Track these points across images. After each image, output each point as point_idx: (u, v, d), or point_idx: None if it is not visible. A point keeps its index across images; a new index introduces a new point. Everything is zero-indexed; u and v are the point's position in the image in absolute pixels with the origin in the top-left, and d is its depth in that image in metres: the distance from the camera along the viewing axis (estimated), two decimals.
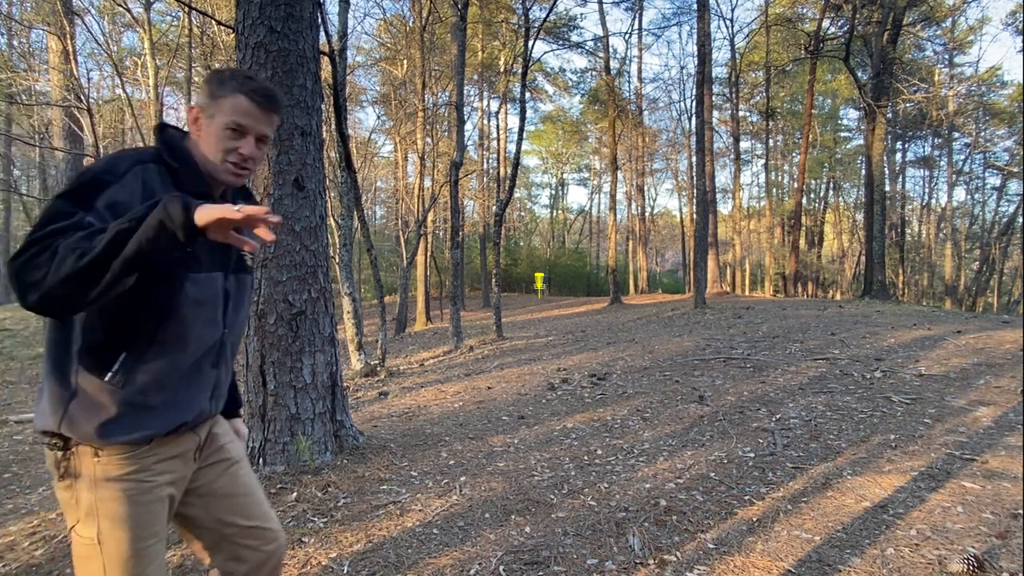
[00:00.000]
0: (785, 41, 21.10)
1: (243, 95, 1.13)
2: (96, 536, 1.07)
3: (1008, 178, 24.73)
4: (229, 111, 1.13)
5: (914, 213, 29.48)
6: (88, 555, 1.08)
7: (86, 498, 1.07)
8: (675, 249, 40.77)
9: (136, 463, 1.10)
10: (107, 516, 1.07)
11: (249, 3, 3.09)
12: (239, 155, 1.14)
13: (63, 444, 1.07)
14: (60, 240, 0.88)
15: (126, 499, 1.08)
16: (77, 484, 1.08)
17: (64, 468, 1.08)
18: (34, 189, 23.43)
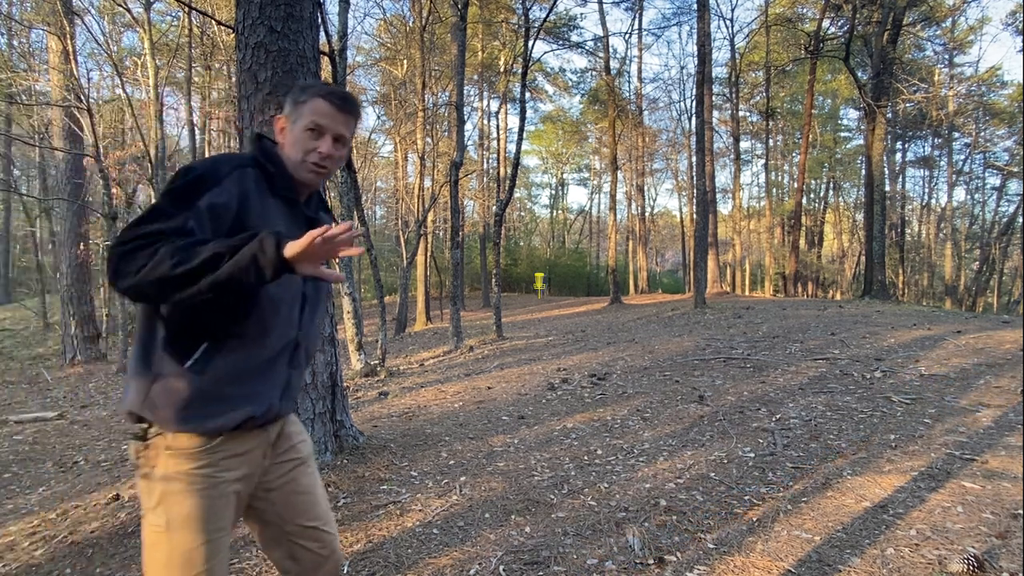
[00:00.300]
0: (785, 41, 21.10)
1: (321, 98, 1.21)
2: (164, 525, 1.12)
3: (1008, 178, 24.74)
4: (309, 113, 1.21)
5: (914, 213, 29.48)
6: (156, 542, 1.14)
7: (158, 489, 1.13)
8: (675, 249, 40.76)
9: (204, 458, 1.14)
10: (175, 507, 1.12)
11: (249, 3, 3.09)
12: (318, 154, 1.21)
13: (143, 435, 1.14)
14: (162, 243, 0.97)
15: (193, 493, 1.13)
16: (152, 475, 1.14)
17: (142, 459, 1.14)
18: (34, 189, 23.42)
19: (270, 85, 3.09)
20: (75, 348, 11.00)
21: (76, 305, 11.04)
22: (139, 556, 2.46)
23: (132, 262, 0.97)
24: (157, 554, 1.14)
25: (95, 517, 2.92)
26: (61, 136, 11.12)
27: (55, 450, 5.03)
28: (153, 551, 1.15)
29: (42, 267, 17.29)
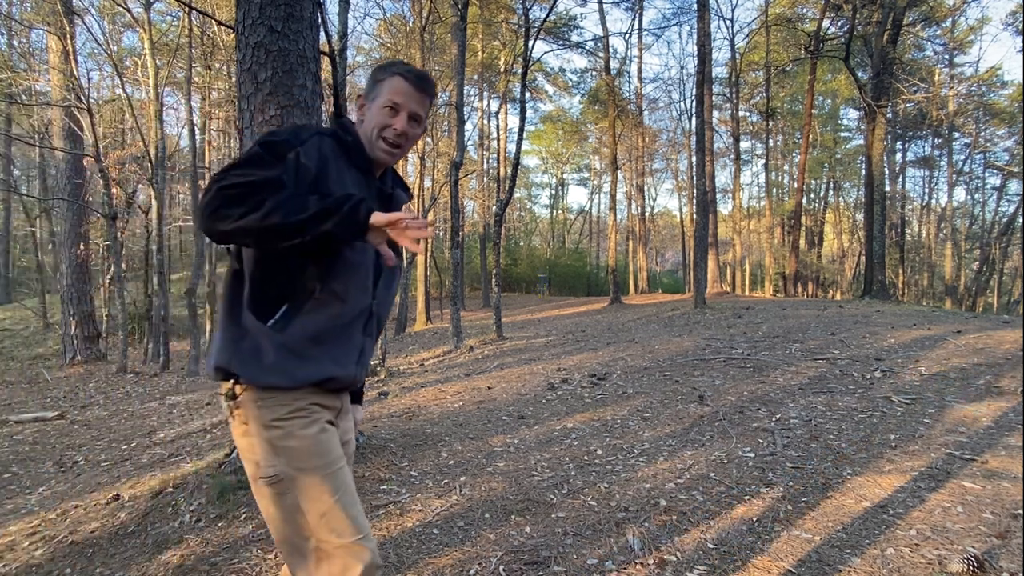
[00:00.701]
0: (785, 41, 21.09)
1: (399, 76, 1.26)
2: (281, 472, 1.14)
3: (1008, 178, 24.74)
4: (387, 91, 1.25)
5: (914, 213, 29.48)
6: (278, 492, 1.14)
7: (262, 440, 1.15)
8: (675, 249, 40.76)
9: (295, 403, 1.18)
10: (285, 451, 1.14)
11: (249, 3, 3.09)
12: (392, 131, 1.25)
13: (232, 392, 1.17)
14: (267, 192, 1.04)
15: (297, 433, 1.16)
16: (250, 430, 1.16)
17: (237, 416, 1.18)
18: (34, 189, 23.42)
19: (270, 85, 3.09)
20: (75, 348, 11.00)
21: (76, 305, 11.04)
22: (139, 556, 2.46)
23: (237, 206, 1.01)
24: (284, 503, 1.14)
25: (95, 517, 2.92)
26: (61, 136, 11.12)
27: (55, 450, 5.03)
28: (278, 503, 1.15)
29: (42, 267, 17.29)
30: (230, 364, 1.16)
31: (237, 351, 1.16)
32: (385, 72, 1.27)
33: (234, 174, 1.05)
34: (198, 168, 13.83)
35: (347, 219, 1.04)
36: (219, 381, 1.20)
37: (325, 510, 1.14)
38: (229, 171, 1.06)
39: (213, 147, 22.67)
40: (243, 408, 1.17)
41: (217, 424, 5.05)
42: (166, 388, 8.36)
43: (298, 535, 1.15)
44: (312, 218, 1.02)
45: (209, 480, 2.98)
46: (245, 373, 1.15)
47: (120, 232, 11.23)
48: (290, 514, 1.15)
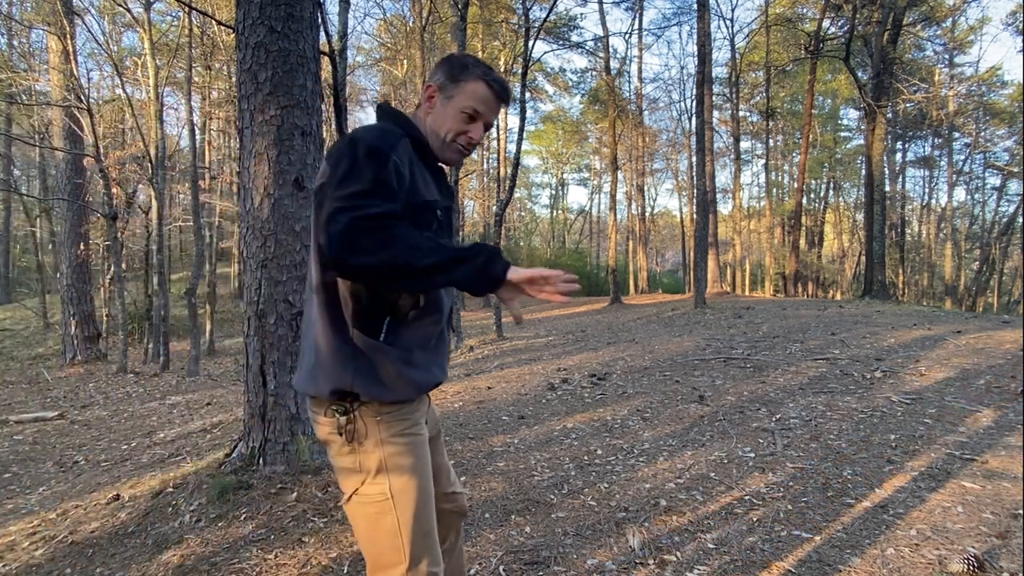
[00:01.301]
0: (785, 41, 21.09)
1: (484, 82, 1.20)
2: (388, 491, 1.14)
3: (1008, 178, 24.74)
4: (469, 95, 1.19)
5: (914, 213, 29.48)
6: (380, 511, 1.14)
7: (374, 457, 1.14)
8: (675, 249, 40.75)
9: (409, 418, 1.19)
10: (396, 470, 1.15)
11: (249, 3, 3.09)
12: (468, 138, 1.22)
13: (344, 409, 1.14)
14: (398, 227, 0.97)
15: (409, 452, 1.16)
16: (362, 447, 1.15)
17: (349, 432, 1.14)
18: (34, 189, 23.42)
19: (270, 85, 3.09)
20: (75, 348, 11.00)
21: (76, 305, 11.04)
22: (139, 556, 2.46)
23: (374, 240, 0.95)
24: (384, 523, 1.14)
25: (95, 517, 2.92)
26: (61, 136, 11.12)
27: (55, 450, 5.03)
28: (377, 522, 1.15)
29: (42, 267, 17.29)
30: (352, 385, 1.12)
31: (356, 370, 1.12)
32: (468, 73, 1.20)
33: (367, 203, 0.98)
34: (198, 168, 13.82)
35: (481, 272, 1.00)
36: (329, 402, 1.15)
37: (426, 531, 1.17)
38: (357, 196, 0.98)
39: (213, 147, 22.69)
40: (356, 425, 1.14)
41: (217, 424, 5.05)
42: (166, 388, 8.37)
43: (394, 555, 1.15)
44: (443, 265, 0.98)
45: (209, 480, 2.98)
46: (370, 392, 1.12)
47: (120, 232, 11.23)
48: (389, 534, 1.14)
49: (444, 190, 1.27)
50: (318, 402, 1.17)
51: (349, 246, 0.95)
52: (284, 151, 3.13)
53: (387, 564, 1.15)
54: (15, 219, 22.45)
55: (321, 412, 1.17)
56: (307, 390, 1.18)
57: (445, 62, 1.24)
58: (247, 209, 3.17)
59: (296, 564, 2.24)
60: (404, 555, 1.14)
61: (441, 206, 1.21)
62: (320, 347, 1.15)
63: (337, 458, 1.18)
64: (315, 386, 1.15)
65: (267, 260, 3.13)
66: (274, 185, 3.12)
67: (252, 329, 3.16)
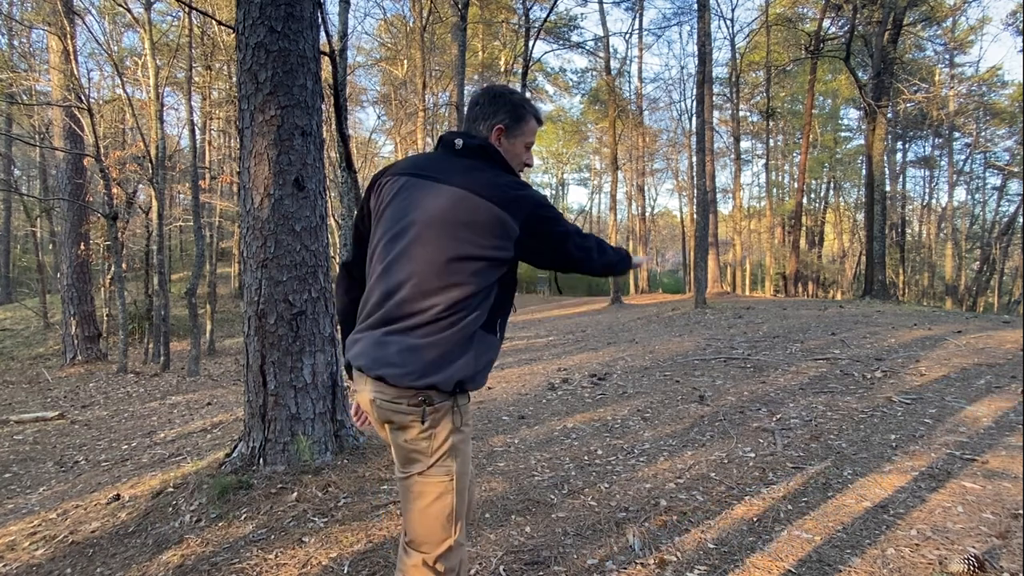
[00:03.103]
0: (785, 41, 21.08)
1: (535, 118, 1.50)
2: (453, 473, 1.33)
3: (1008, 178, 24.71)
4: (530, 133, 1.49)
5: (914, 213, 29.47)
6: (443, 491, 1.32)
7: (447, 444, 1.31)
8: (675, 249, 40.74)
9: (470, 410, 1.39)
10: (461, 456, 1.34)
11: (249, 3, 3.09)
12: (527, 165, 1.53)
13: (429, 399, 1.29)
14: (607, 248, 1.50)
15: (468, 440, 1.38)
16: (437, 432, 1.31)
17: (432, 420, 1.30)
18: (35, 189, 23.43)
19: (270, 85, 3.09)
20: (75, 348, 11.01)
21: (76, 305, 11.04)
22: (139, 556, 2.46)
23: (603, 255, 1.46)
24: (442, 504, 1.32)
25: (95, 517, 2.92)
26: (62, 136, 11.12)
27: (55, 450, 5.04)
28: (439, 502, 1.32)
29: (42, 267, 17.29)
30: (471, 379, 1.31)
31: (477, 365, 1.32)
32: (525, 113, 1.47)
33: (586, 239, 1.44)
34: (198, 168, 13.83)
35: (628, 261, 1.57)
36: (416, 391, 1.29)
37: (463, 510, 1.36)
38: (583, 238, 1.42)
39: (213, 147, 22.70)
40: (438, 414, 1.30)
41: (217, 424, 5.06)
42: (166, 388, 8.37)
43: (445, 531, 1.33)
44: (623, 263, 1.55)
45: (209, 480, 2.98)
46: (474, 382, 1.32)
47: (120, 232, 11.23)
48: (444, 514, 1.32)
49: None
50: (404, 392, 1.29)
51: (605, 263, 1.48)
52: (284, 151, 3.14)
53: (439, 539, 1.32)
54: (15, 219, 22.46)
55: (405, 400, 1.29)
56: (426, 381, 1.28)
57: (504, 103, 1.46)
58: (247, 209, 3.17)
59: (296, 564, 2.24)
60: (453, 530, 1.33)
61: None
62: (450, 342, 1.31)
63: (412, 441, 1.32)
64: (441, 375, 1.29)
65: (267, 260, 3.13)
66: (274, 185, 3.12)
67: (252, 329, 3.16)
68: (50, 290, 17.40)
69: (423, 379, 1.28)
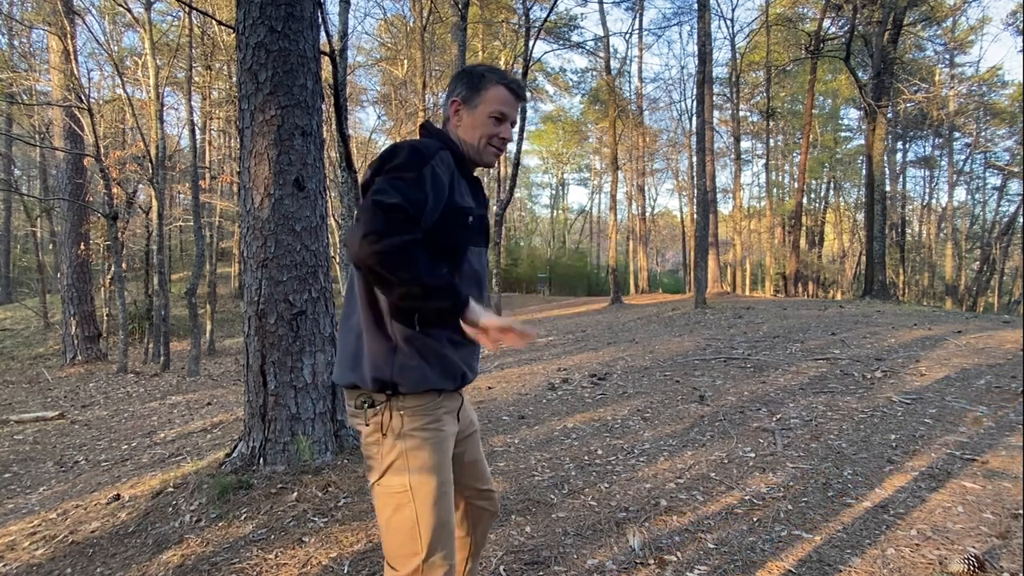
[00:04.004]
0: (786, 41, 21.07)
1: (503, 86, 1.31)
2: (407, 483, 1.19)
3: (1009, 178, 24.71)
4: (493, 101, 1.29)
5: (915, 213, 29.46)
6: (400, 503, 1.20)
7: (395, 450, 1.20)
8: (675, 249, 40.75)
9: (431, 414, 1.24)
10: (415, 463, 1.20)
11: (250, 3, 3.09)
12: (500, 139, 1.32)
13: (372, 402, 1.21)
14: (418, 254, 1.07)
15: (429, 446, 1.22)
16: (385, 439, 1.21)
17: (372, 424, 1.22)
18: (35, 189, 23.43)
19: (271, 85, 3.09)
20: (75, 348, 11.01)
21: (76, 305, 11.04)
22: (140, 556, 2.46)
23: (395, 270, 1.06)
24: (400, 518, 1.19)
25: (96, 517, 2.92)
26: (62, 136, 11.12)
27: (55, 450, 5.04)
28: (398, 514, 1.20)
29: (42, 267, 17.29)
30: (391, 374, 1.19)
31: (396, 362, 1.19)
32: (487, 80, 1.30)
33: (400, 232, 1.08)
34: (198, 168, 13.83)
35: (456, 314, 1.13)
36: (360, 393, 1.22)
37: (442, 523, 1.21)
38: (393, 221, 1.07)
39: (213, 147, 22.70)
40: (382, 416, 1.21)
41: (217, 424, 5.06)
42: (166, 388, 8.37)
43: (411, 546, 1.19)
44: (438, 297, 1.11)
45: (209, 480, 2.98)
46: (405, 382, 1.19)
47: (120, 232, 11.23)
48: (406, 527, 1.19)
49: (479, 199, 1.37)
50: (351, 392, 1.24)
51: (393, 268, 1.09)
52: (284, 151, 3.14)
53: (404, 554, 1.20)
54: (15, 219, 22.46)
55: (352, 403, 1.24)
56: (347, 380, 1.23)
57: (463, 76, 1.34)
58: (247, 209, 3.17)
59: (296, 564, 2.24)
60: (421, 546, 1.18)
61: (475, 213, 1.30)
62: (355, 342, 1.23)
63: (364, 447, 1.25)
64: (358, 375, 1.22)
65: (267, 260, 3.13)
66: (274, 185, 3.12)
67: (252, 329, 3.16)
68: (50, 290, 17.39)
69: (347, 376, 1.23)
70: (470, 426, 1.44)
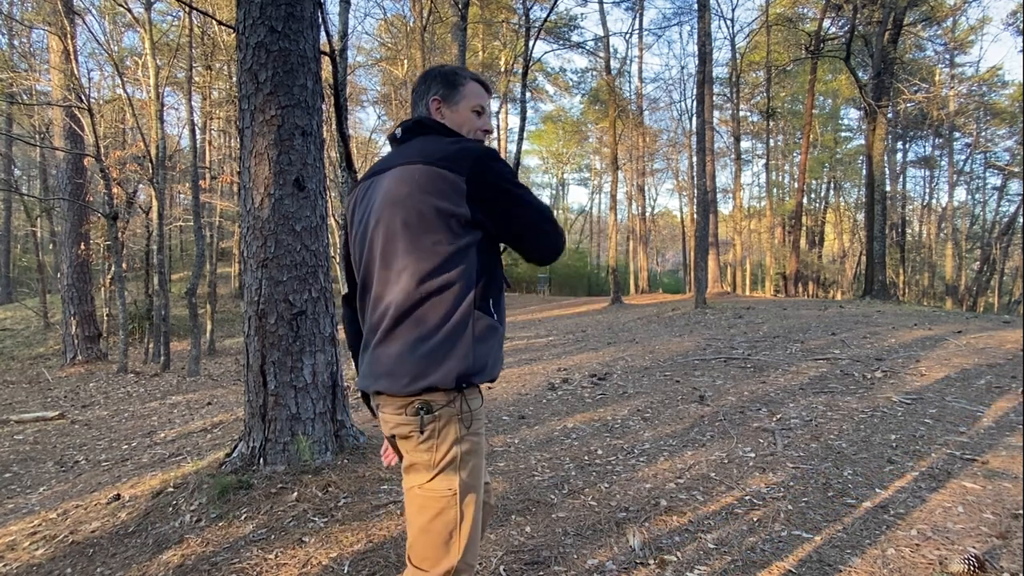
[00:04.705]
0: (786, 41, 21.08)
1: (476, 82, 1.41)
2: (456, 487, 1.19)
3: (1009, 178, 24.71)
4: (473, 96, 1.40)
5: (915, 213, 29.45)
6: (444, 507, 1.19)
7: (451, 453, 1.19)
8: (676, 249, 40.74)
9: (480, 417, 1.26)
10: (467, 468, 1.21)
11: (250, 3, 3.09)
12: (483, 131, 1.42)
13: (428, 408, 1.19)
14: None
15: (476, 452, 1.23)
16: (440, 443, 1.20)
17: (431, 429, 1.20)
18: (35, 189, 23.43)
19: (271, 85, 3.09)
20: (76, 348, 11.01)
21: (77, 305, 11.04)
22: (140, 556, 2.46)
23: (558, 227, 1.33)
24: (443, 520, 1.19)
25: (96, 517, 2.93)
26: (62, 136, 11.12)
27: (56, 450, 5.04)
28: (439, 518, 1.19)
29: (43, 267, 17.29)
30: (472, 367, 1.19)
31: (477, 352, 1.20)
32: (460, 78, 1.39)
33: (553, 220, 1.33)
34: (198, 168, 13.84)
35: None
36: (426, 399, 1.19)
37: (477, 529, 1.22)
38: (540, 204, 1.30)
39: (213, 147, 22.69)
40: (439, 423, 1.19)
41: (218, 424, 5.06)
42: (167, 388, 8.37)
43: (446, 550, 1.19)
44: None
45: (209, 480, 2.98)
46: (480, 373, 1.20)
47: (120, 232, 11.23)
48: (445, 530, 1.19)
49: None
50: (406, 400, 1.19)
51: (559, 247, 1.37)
52: (285, 151, 3.14)
53: (436, 556, 1.19)
54: (15, 219, 22.46)
55: (403, 410, 1.20)
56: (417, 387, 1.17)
57: (436, 76, 1.40)
58: (248, 209, 3.17)
59: (296, 564, 2.24)
60: (458, 550, 1.19)
61: None
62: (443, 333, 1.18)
63: (413, 453, 1.22)
64: (438, 376, 1.17)
65: (268, 260, 3.13)
66: (275, 185, 3.12)
67: (252, 329, 3.16)
68: (50, 290, 17.39)
69: (416, 383, 1.17)
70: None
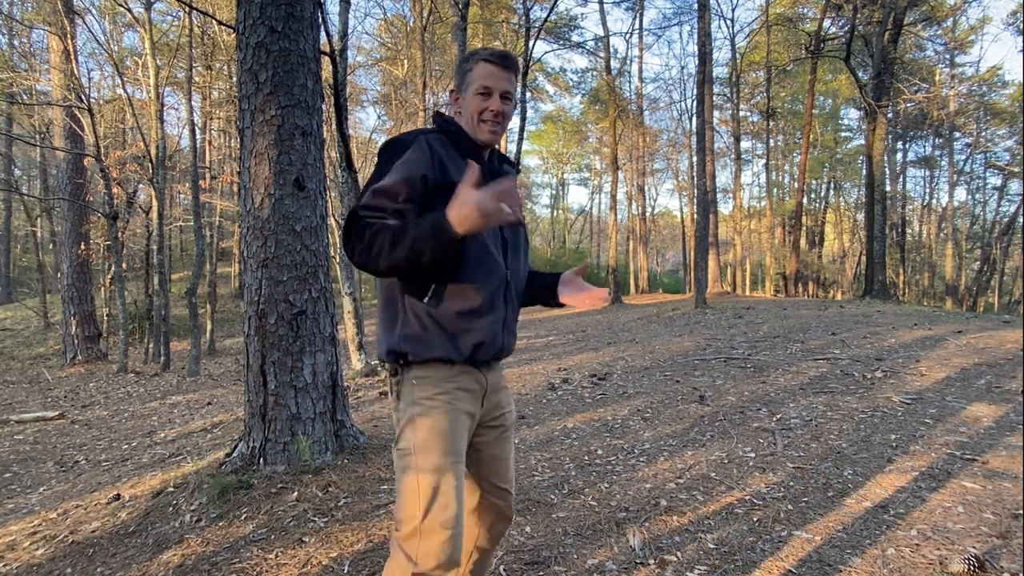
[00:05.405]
0: (786, 41, 21.07)
1: (483, 61, 1.34)
2: (411, 446, 1.26)
3: (1009, 178, 24.71)
4: (477, 78, 1.33)
5: (915, 213, 29.45)
6: (405, 465, 1.26)
7: (406, 415, 1.29)
8: (676, 249, 40.74)
9: (443, 386, 1.30)
10: (420, 429, 1.27)
11: (250, 3, 3.09)
12: (490, 112, 1.33)
13: (394, 370, 1.32)
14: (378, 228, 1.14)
15: (435, 414, 1.27)
16: (400, 404, 1.32)
17: (394, 391, 1.33)
18: (35, 189, 23.43)
19: (271, 85, 3.09)
20: (76, 348, 11.01)
21: (77, 304, 11.04)
22: (140, 556, 2.47)
23: (365, 252, 1.14)
24: (406, 480, 1.25)
25: (96, 517, 2.93)
26: (62, 136, 11.12)
27: (56, 450, 5.04)
28: (403, 476, 1.26)
29: (43, 267, 17.29)
30: (399, 344, 1.29)
31: (404, 330, 1.29)
32: (470, 61, 1.35)
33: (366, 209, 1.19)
34: (198, 168, 13.84)
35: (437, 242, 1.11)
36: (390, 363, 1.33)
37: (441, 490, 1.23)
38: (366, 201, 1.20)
39: (214, 147, 22.69)
40: (402, 385, 1.31)
41: (218, 424, 5.06)
42: (167, 388, 8.37)
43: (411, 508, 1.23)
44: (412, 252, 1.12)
45: (210, 480, 2.98)
46: (412, 349, 1.28)
47: (121, 232, 11.23)
48: (409, 491, 1.25)
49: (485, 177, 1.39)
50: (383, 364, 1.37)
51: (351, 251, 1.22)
52: (285, 151, 3.14)
53: (407, 516, 1.24)
54: (15, 219, 22.46)
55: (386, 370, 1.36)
56: (379, 353, 1.37)
57: (457, 67, 1.41)
58: (248, 209, 3.17)
59: (297, 564, 2.24)
60: (420, 509, 1.22)
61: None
62: (382, 316, 1.36)
63: (392, 412, 1.36)
64: (380, 349, 1.35)
65: (268, 260, 3.13)
66: (275, 185, 3.12)
67: (252, 329, 3.16)
68: (50, 290, 17.39)
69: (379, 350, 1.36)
70: (499, 419, 1.46)
